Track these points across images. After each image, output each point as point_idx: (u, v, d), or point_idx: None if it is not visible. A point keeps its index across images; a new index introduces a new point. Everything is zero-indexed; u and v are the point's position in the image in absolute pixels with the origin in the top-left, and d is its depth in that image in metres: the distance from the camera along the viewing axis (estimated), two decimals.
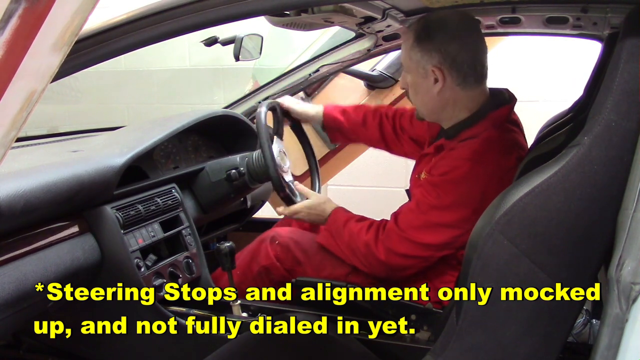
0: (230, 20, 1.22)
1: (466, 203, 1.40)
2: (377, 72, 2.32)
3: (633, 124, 0.85)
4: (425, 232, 1.45)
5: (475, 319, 0.98)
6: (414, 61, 1.47)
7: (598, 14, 1.52)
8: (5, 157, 0.59)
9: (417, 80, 1.49)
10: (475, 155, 1.42)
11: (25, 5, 0.48)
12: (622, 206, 0.87)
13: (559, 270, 0.92)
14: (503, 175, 1.40)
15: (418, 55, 1.45)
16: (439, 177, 1.46)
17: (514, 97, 1.55)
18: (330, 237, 1.61)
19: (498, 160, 1.43)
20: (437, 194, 1.44)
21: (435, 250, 1.46)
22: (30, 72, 0.53)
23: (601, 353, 0.85)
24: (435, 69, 1.44)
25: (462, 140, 1.48)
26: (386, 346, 1.40)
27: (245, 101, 2.14)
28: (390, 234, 1.47)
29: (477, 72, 1.46)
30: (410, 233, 1.45)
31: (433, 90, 1.47)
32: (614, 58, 0.90)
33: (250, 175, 1.75)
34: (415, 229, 1.45)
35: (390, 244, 1.47)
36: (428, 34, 1.44)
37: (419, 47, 1.45)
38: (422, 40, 1.44)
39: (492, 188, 1.38)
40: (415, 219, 1.46)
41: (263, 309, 1.57)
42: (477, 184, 1.40)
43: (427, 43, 1.44)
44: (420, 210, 1.46)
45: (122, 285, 1.45)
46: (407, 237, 1.46)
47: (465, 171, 1.41)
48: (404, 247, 1.46)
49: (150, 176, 1.67)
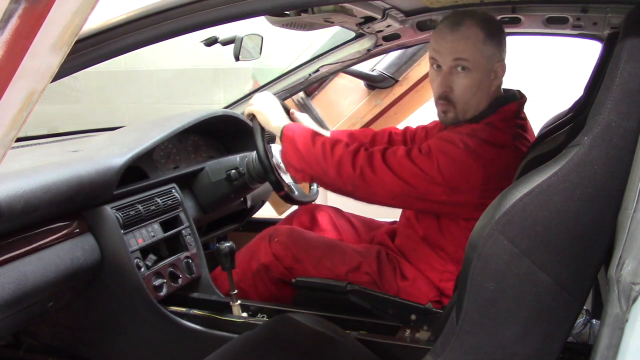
0: (230, 20, 1.21)
1: (450, 167, 1.38)
2: (377, 72, 2.32)
3: (633, 124, 0.85)
4: (403, 168, 1.40)
5: (475, 319, 0.97)
6: (486, 57, 1.42)
7: (598, 14, 1.53)
8: (5, 157, 0.59)
9: (483, 77, 1.43)
10: (473, 132, 1.41)
11: (25, 5, 0.48)
12: (622, 206, 0.87)
13: (559, 270, 0.92)
14: (492, 162, 1.38)
15: (491, 50, 1.41)
16: (435, 140, 1.44)
17: (525, 96, 1.54)
18: (290, 144, 1.52)
19: (494, 146, 1.40)
20: (428, 146, 1.41)
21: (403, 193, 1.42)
22: (30, 72, 0.53)
23: (601, 353, 0.85)
24: (499, 64, 1.43)
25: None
26: (386, 346, 1.40)
27: (245, 101, 2.14)
28: (373, 157, 1.43)
29: None
30: (391, 162, 1.41)
31: (491, 87, 1.46)
32: (614, 58, 0.90)
33: (250, 175, 1.75)
34: (397, 160, 1.41)
35: (368, 166, 1.42)
36: (496, 28, 1.42)
37: (492, 41, 1.41)
38: (493, 35, 1.41)
39: (476, 168, 1.37)
40: (400, 154, 1.42)
41: (263, 309, 1.57)
42: (467, 156, 1.38)
43: (497, 38, 1.42)
44: (408, 150, 1.43)
45: (122, 286, 1.46)
46: (386, 165, 1.41)
47: (459, 140, 1.39)
48: (380, 173, 1.41)
49: (150, 176, 1.67)
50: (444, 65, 1.44)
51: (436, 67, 1.47)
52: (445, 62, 1.43)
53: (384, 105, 2.37)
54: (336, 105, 2.41)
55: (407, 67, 2.29)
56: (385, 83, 2.33)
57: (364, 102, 2.38)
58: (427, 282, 1.54)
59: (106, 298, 1.51)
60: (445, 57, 1.43)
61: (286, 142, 1.53)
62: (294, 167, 1.53)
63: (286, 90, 2.11)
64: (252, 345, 1.30)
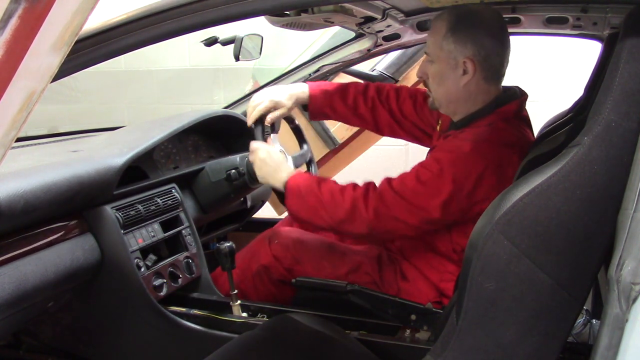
0: (230, 20, 1.21)
1: (462, 181, 1.38)
2: (377, 72, 2.31)
3: (633, 124, 0.85)
4: (417, 197, 1.42)
5: (475, 319, 0.97)
6: (445, 51, 1.45)
7: (598, 14, 1.52)
8: (5, 157, 0.59)
9: (445, 70, 1.47)
10: (479, 138, 1.42)
11: (25, 5, 0.48)
12: (622, 206, 0.87)
13: (559, 270, 0.92)
14: (502, 165, 1.40)
15: (451, 46, 1.44)
16: (441, 153, 1.45)
17: (525, 93, 1.55)
18: (296, 198, 1.50)
19: (500, 148, 1.41)
20: (437, 164, 1.42)
21: (422, 220, 1.43)
22: (30, 72, 0.53)
23: (601, 353, 0.85)
24: (468, 60, 1.44)
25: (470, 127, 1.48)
26: (386, 346, 1.40)
27: (245, 101, 2.14)
28: (383, 193, 1.44)
29: (502, 69, 1.48)
30: (404, 194, 1.42)
31: (460, 82, 1.46)
32: (614, 58, 0.90)
33: (250, 175, 1.75)
34: (410, 191, 1.42)
35: (382, 203, 1.43)
36: (465, 25, 1.43)
37: (454, 37, 1.43)
38: (457, 30, 1.43)
39: (489, 174, 1.38)
40: (411, 183, 1.43)
41: (263, 309, 1.57)
42: (476, 165, 1.39)
43: (462, 34, 1.43)
44: (418, 177, 1.43)
45: (122, 286, 1.46)
46: (400, 197, 1.42)
47: (467, 151, 1.40)
48: (395, 209, 1.42)
49: (150, 176, 1.67)
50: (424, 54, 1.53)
51: None
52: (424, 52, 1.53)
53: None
54: None
55: (407, 67, 2.29)
56: (385, 83, 2.33)
57: None
58: (427, 283, 1.54)
59: (106, 298, 1.51)
60: (425, 47, 1.53)
61: (292, 196, 1.50)
62: (302, 219, 1.53)
63: None
64: (252, 345, 1.30)
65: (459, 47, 1.44)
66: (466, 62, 1.44)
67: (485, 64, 1.45)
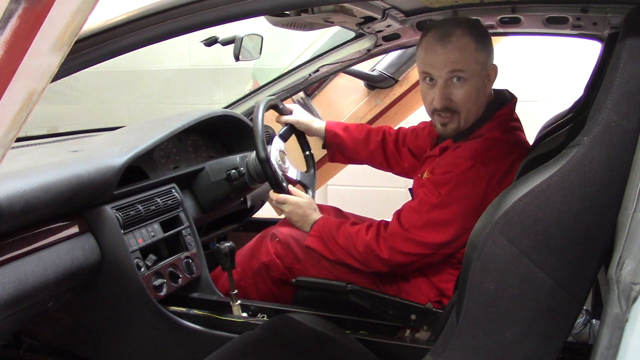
0: (230, 20, 1.22)
1: (467, 202, 1.41)
2: (377, 72, 2.32)
3: (633, 124, 0.86)
4: (427, 231, 1.45)
5: (475, 319, 0.98)
6: (480, 63, 1.43)
7: (598, 14, 1.52)
8: (5, 157, 0.59)
9: (479, 84, 1.45)
10: (477, 154, 1.43)
11: (25, 5, 0.48)
12: (622, 206, 0.87)
13: (559, 270, 0.92)
14: (504, 175, 1.41)
15: (484, 56, 1.44)
16: (440, 176, 1.46)
17: (514, 96, 1.57)
18: (319, 241, 1.58)
19: (500, 160, 1.43)
20: (439, 193, 1.44)
21: (438, 248, 1.47)
22: (30, 72, 0.53)
23: (601, 353, 0.85)
24: (492, 67, 1.46)
25: (468, 140, 1.48)
26: (386, 346, 1.40)
27: (245, 101, 2.14)
28: (394, 234, 1.48)
29: None
30: (413, 232, 1.46)
31: (486, 91, 1.48)
32: (614, 58, 0.90)
33: (250, 175, 1.75)
34: (418, 228, 1.46)
35: (394, 243, 1.47)
36: (481, 33, 1.44)
37: (482, 48, 1.43)
38: (481, 41, 1.43)
39: (493, 187, 1.39)
40: (418, 219, 1.46)
41: (263, 309, 1.57)
42: (478, 183, 1.40)
43: (485, 43, 1.44)
44: (422, 209, 1.46)
45: (122, 286, 1.46)
46: (410, 236, 1.46)
47: (466, 170, 1.41)
48: (407, 246, 1.46)
49: (150, 176, 1.67)
50: (440, 78, 1.44)
51: (429, 80, 1.47)
52: (441, 75, 1.43)
53: (383, 105, 2.37)
54: (336, 105, 2.41)
55: (407, 67, 2.29)
56: (385, 83, 2.33)
57: (364, 102, 2.38)
58: (427, 283, 1.54)
59: (106, 298, 1.51)
60: (439, 70, 1.43)
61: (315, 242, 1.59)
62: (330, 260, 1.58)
63: (286, 90, 2.11)
64: (252, 345, 1.30)
65: (487, 56, 1.45)
66: (491, 69, 1.46)
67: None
